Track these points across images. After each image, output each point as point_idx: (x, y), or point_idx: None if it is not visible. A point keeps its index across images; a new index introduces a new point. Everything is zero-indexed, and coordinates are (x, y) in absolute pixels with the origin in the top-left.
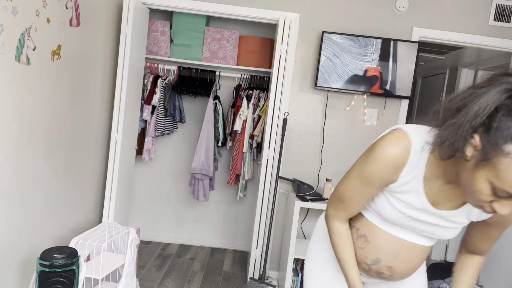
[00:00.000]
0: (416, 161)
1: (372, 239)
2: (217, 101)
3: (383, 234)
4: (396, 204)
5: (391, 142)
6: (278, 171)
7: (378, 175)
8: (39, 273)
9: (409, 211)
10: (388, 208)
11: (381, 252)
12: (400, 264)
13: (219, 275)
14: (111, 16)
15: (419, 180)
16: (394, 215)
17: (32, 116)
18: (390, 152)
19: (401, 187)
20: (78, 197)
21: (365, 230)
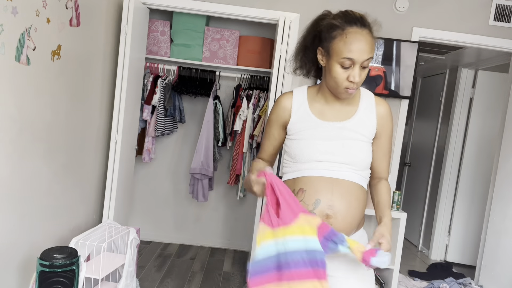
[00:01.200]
0: (299, 99)
1: (307, 187)
2: (217, 101)
3: (314, 179)
4: (300, 137)
5: (281, 95)
6: (278, 171)
7: (273, 115)
8: (39, 273)
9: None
10: (297, 146)
11: (318, 193)
12: (338, 201)
13: (219, 275)
14: (111, 16)
15: (306, 107)
16: (305, 146)
17: (32, 116)
18: (280, 98)
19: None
20: (78, 197)
21: (300, 184)
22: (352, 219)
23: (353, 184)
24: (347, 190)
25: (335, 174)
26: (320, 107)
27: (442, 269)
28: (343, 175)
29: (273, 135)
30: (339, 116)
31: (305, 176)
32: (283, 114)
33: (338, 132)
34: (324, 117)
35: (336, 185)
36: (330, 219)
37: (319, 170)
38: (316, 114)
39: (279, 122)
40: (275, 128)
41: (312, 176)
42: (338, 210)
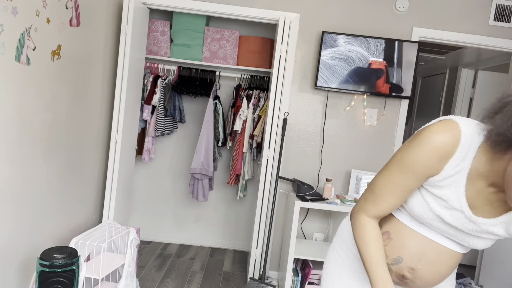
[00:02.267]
0: (464, 153)
1: (395, 236)
2: (217, 101)
3: (408, 231)
4: (430, 200)
5: (439, 129)
6: (278, 171)
7: (421, 163)
8: (39, 273)
9: (442, 210)
10: (418, 203)
11: (404, 251)
12: (424, 267)
13: (219, 275)
14: (111, 16)
15: (463, 175)
16: (424, 212)
17: (32, 116)
18: (439, 138)
19: (442, 181)
20: (78, 197)
21: (389, 226)
22: (434, 283)
23: (454, 253)
24: (442, 258)
25: (436, 237)
26: (479, 189)
27: None
28: (446, 242)
29: (410, 188)
30: (491, 206)
31: (399, 221)
32: (438, 165)
33: (474, 227)
34: (475, 208)
35: (430, 250)
36: (406, 280)
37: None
38: (470, 198)
39: (426, 175)
40: (417, 179)
41: (406, 226)
42: (419, 276)
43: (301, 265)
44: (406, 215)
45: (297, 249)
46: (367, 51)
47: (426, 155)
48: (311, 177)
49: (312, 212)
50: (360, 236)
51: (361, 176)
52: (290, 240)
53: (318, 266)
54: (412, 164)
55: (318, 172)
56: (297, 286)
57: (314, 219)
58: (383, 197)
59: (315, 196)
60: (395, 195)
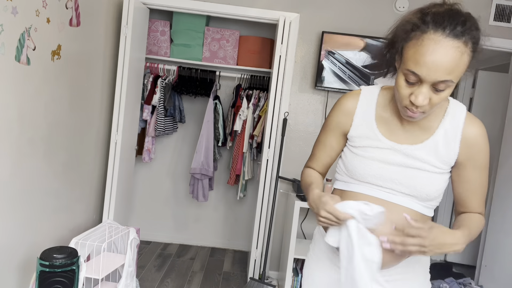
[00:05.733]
0: (365, 104)
1: None
2: (217, 101)
3: (362, 197)
4: (360, 152)
5: (345, 95)
6: (278, 171)
7: (332, 120)
8: (39, 273)
9: (372, 154)
10: (355, 160)
11: None
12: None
13: (219, 275)
14: (111, 16)
15: (371, 119)
16: (362, 164)
17: (32, 116)
18: (343, 99)
19: (356, 130)
20: (78, 197)
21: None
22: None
23: (408, 210)
24: (399, 216)
25: (390, 197)
26: (389, 121)
27: (442, 269)
28: (399, 200)
29: (329, 144)
30: (411, 137)
31: (353, 192)
32: (344, 119)
33: (404, 158)
34: (392, 135)
35: (387, 207)
36: None
37: (372, 189)
38: (383, 130)
39: (338, 129)
40: (333, 135)
41: (360, 193)
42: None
43: (301, 265)
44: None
45: (297, 249)
46: (367, 51)
47: (335, 113)
48: None
49: (312, 212)
50: (302, 179)
51: None
52: (290, 240)
53: None
54: (327, 123)
55: None
56: (297, 286)
57: (314, 219)
58: (314, 153)
59: None
60: (322, 150)
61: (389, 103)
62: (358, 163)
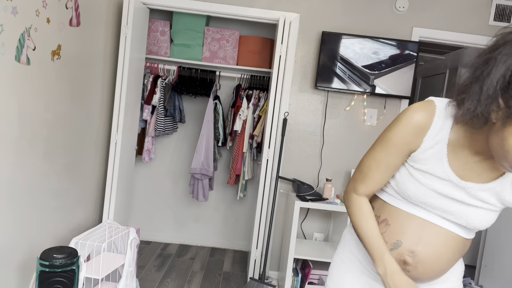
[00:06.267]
0: (440, 124)
1: (392, 222)
2: (217, 101)
3: (405, 215)
4: (418, 176)
5: (415, 107)
6: (278, 171)
7: (399, 138)
8: (39, 273)
9: (432, 182)
10: (409, 182)
11: (402, 234)
12: (424, 249)
13: (219, 275)
14: (111, 16)
15: (443, 145)
16: (416, 189)
17: (32, 116)
18: (413, 115)
19: (424, 153)
20: (78, 197)
21: (386, 214)
22: (438, 272)
23: (453, 234)
24: (442, 239)
25: (433, 218)
26: (464, 159)
27: None
28: (445, 224)
29: (394, 165)
30: (479, 173)
31: (395, 207)
32: (414, 139)
33: (465, 196)
34: (459, 168)
35: (429, 230)
36: (407, 266)
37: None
38: (451, 159)
39: (407, 150)
40: (399, 156)
41: (403, 210)
42: (420, 259)
43: (301, 265)
44: (402, 200)
45: (297, 249)
46: (367, 51)
47: (404, 130)
48: (311, 177)
49: (312, 212)
50: (353, 213)
51: None
52: (290, 240)
53: (318, 266)
54: (392, 141)
55: (318, 172)
56: (297, 286)
57: (314, 219)
58: (369, 175)
59: (315, 196)
60: (381, 172)
61: (464, 134)
62: (411, 186)
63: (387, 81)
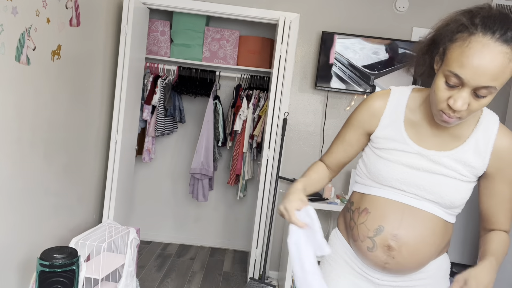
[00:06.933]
0: (395, 104)
1: (372, 209)
2: (217, 101)
3: (383, 201)
4: (385, 155)
5: (374, 94)
6: (278, 171)
7: (356, 117)
8: (39, 273)
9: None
10: (379, 163)
11: (383, 219)
12: (406, 231)
13: (219, 275)
14: (111, 16)
15: (400, 122)
16: (387, 168)
17: (32, 116)
18: (371, 99)
19: (383, 131)
20: (78, 197)
21: (366, 204)
22: (422, 256)
23: (431, 215)
24: (422, 221)
25: (413, 202)
26: (419, 125)
27: None
28: (423, 205)
29: (349, 140)
30: (440, 143)
31: (374, 196)
32: (369, 119)
33: (431, 164)
34: (420, 140)
35: (408, 212)
36: (392, 252)
37: (395, 193)
38: (411, 133)
39: (361, 127)
40: (354, 133)
41: (382, 197)
42: (404, 242)
43: None
44: (377, 187)
45: None
46: (367, 51)
47: (361, 111)
48: None
49: None
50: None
51: None
52: None
53: None
54: (351, 120)
55: None
56: None
57: None
58: (332, 148)
59: (315, 196)
60: (340, 145)
61: (420, 106)
62: (382, 166)
63: (387, 81)
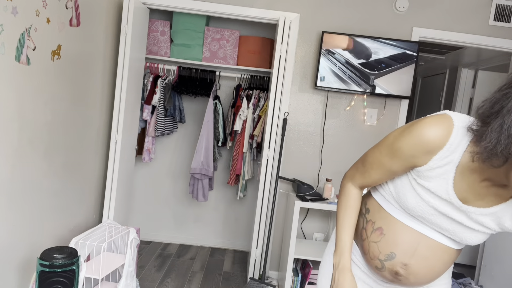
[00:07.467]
0: (455, 146)
1: (388, 231)
2: (217, 101)
3: (401, 226)
4: (420, 191)
5: (432, 122)
6: (278, 171)
7: (407, 151)
8: (39, 273)
9: (433, 200)
10: (410, 194)
11: (397, 246)
12: (417, 262)
13: (219, 275)
14: (111, 16)
15: (452, 167)
16: (416, 203)
17: (32, 116)
18: (427, 131)
19: (430, 171)
20: (78, 197)
21: (382, 222)
22: (430, 280)
23: (446, 247)
24: (435, 253)
25: (428, 231)
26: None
27: None
28: (438, 237)
29: (395, 171)
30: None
31: (392, 216)
32: (422, 156)
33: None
34: (463, 191)
35: (423, 243)
36: (399, 277)
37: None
38: (459, 191)
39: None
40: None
41: (400, 221)
42: (413, 271)
43: (301, 265)
44: (399, 210)
45: (297, 249)
46: (367, 51)
47: (414, 145)
48: (311, 177)
49: (312, 212)
50: (341, 200)
51: None
52: (290, 240)
53: (318, 266)
54: (399, 151)
55: (318, 172)
56: (297, 286)
57: (314, 219)
58: (370, 172)
59: (315, 196)
60: (381, 174)
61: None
62: (412, 199)
63: (387, 81)
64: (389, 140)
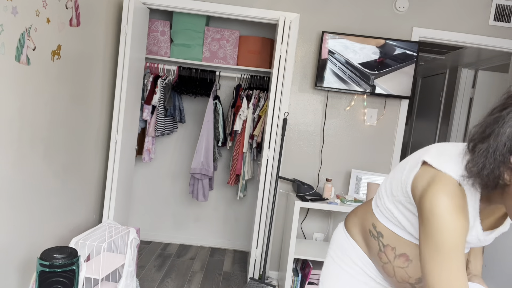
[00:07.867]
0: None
1: (414, 257)
2: (217, 101)
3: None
4: None
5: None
6: (278, 171)
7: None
8: (39, 273)
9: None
10: None
11: None
12: None
13: (219, 275)
14: (111, 16)
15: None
16: None
17: (32, 116)
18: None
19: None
20: (78, 197)
21: (403, 248)
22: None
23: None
24: None
25: None
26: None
27: None
28: None
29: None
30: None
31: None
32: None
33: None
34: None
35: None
36: None
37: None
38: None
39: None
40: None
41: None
42: None
43: (301, 265)
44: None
45: (297, 249)
46: (367, 51)
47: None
48: (311, 177)
49: (312, 212)
50: None
51: (361, 176)
52: (290, 240)
53: (318, 266)
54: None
55: (318, 172)
56: (297, 286)
57: (314, 219)
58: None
59: (315, 196)
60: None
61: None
62: None
63: (387, 81)
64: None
